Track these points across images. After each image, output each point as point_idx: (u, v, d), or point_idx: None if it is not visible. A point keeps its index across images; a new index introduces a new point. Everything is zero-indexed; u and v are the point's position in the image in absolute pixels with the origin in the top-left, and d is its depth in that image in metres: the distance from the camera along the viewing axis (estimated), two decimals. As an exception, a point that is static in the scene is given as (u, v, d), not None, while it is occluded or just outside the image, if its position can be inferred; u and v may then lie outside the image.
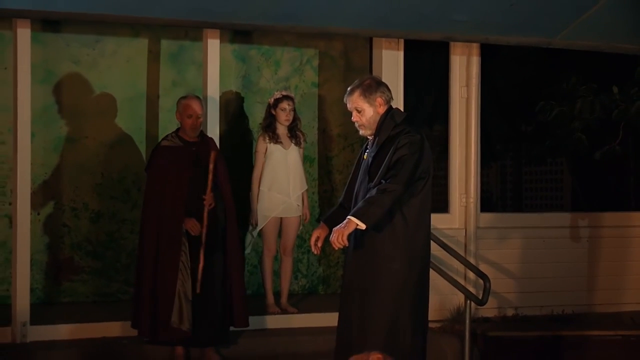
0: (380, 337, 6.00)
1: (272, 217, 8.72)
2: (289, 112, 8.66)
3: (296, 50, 10.06)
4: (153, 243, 7.55)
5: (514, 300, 9.58)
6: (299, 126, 8.83)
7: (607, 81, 9.31)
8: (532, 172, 10.68)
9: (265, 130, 8.75)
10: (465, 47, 9.29)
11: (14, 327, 7.82)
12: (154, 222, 7.58)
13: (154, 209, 7.59)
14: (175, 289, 7.47)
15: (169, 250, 7.51)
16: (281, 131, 8.72)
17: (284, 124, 8.69)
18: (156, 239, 7.54)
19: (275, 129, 8.70)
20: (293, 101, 8.73)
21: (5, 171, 8.89)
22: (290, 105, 8.67)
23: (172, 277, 7.46)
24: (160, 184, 7.60)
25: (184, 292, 7.48)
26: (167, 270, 7.48)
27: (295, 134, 8.77)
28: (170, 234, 7.54)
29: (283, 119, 8.67)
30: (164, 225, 7.55)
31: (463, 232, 9.41)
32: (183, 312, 7.47)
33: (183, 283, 7.49)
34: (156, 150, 7.79)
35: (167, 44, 9.62)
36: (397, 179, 5.98)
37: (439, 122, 9.63)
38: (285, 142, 8.73)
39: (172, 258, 7.49)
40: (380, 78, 6.59)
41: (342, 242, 5.97)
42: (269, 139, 8.70)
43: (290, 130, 8.75)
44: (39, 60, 8.78)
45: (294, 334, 8.42)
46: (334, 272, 10.14)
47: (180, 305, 7.47)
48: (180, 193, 7.58)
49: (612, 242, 10.07)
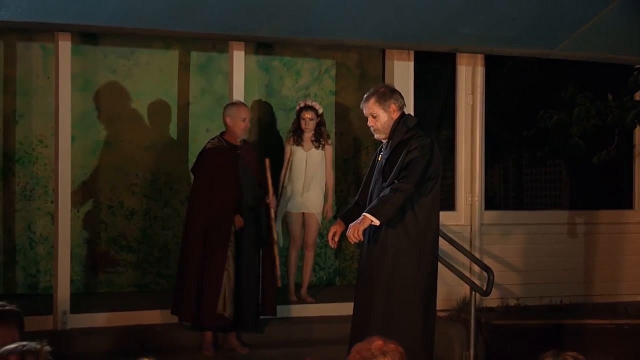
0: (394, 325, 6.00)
1: (293, 212, 8.75)
2: (309, 121, 8.69)
3: (315, 61, 10.05)
4: (200, 237, 7.55)
5: (516, 291, 9.56)
6: (323, 131, 8.83)
7: (603, 89, 9.28)
8: (532, 173, 10.64)
9: (291, 134, 8.83)
10: (470, 58, 9.27)
11: (55, 315, 7.84)
12: (202, 218, 7.58)
13: (203, 206, 7.59)
14: (222, 280, 7.52)
15: (219, 243, 7.54)
16: (306, 135, 8.75)
17: (305, 130, 8.71)
18: (204, 233, 7.55)
19: (301, 133, 8.74)
20: (314, 110, 8.73)
21: (48, 172, 8.92)
22: (310, 114, 8.69)
23: (221, 268, 7.51)
24: (209, 183, 7.61)
25: (229, 282, 7.54)
26: (216, 262, 7.52)
27: (318, 138, 8.79)
28: (221, 229, 7.56)
29: (303, 126, 8.71)
30: (214, 220, 7.57)
31: (468, 229, 9.39)
32: (227, 300, 7.52)
33: (229, 274, 7.54)
34: (204, 152, 7.77)
35: (196, 55, 9.63)
36: (409, 179, 5.98)
37: (447, 127, 9.61)
38: (307, 145, 8.74)
39: (221, 251, 7.53)
40: (393, 86, 6.59)
41: (358, 237, 5.98)
42: (293, 142, 8.76)
43: (314, 135, 8.77)
44: (78, 70, 8.79)
45: (311, 322, 8.42)
46: (349, 265, 10.13)
47: (225, 294, 7.52)
48: (230, 192, 7.61)
49: (607, 237, 10.04)
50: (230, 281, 7.55)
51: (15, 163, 9.04)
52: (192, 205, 7.71)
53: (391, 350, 3.55)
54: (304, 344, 7.94)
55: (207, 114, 9.56)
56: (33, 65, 9.05)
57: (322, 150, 8.82)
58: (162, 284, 9.38)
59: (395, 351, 3.55)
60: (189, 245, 7.63)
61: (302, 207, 8.79)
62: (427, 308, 6.20)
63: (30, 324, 4.56)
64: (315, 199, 8.82)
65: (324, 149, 8.82)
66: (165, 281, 9.33)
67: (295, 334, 8.17)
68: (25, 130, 9.06)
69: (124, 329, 7.88)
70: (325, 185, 8.90)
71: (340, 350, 3.82)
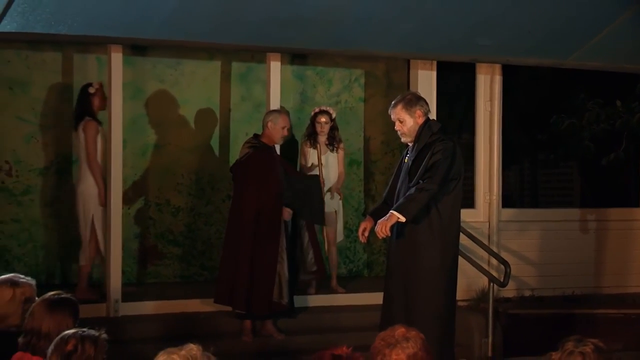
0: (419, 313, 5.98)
1: None
2: (324, 125, 8.66)
3: (346, 70, 10.02)
4: (251, 230, 7.55)
5: (531, 283, 9.49)
6: (336, 135, 8.80)
7: (612, 96, 9.22)
8: (546, 174, 10.58)
9: (306, 137, 8.81)
10: (489, 67, 9.21)
11: (108, 304, 7.86)
12: (252, 213, 7.57)
13: (252, 202, 7.59)
14: (276, 269, 7.54)
15: (272, 235, 7.57)
16: (321, 138, 8.72)
17: (319, 133, 8.68)
18: (254, 227, 7.55)
19: (316, 136, 8.70)
20: (329, 115, 8.71)
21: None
22: (325, 119, 8.67)
23: (275, 258, 7.53)
24: (254, 181, 7.61)
25: (283, 270, 7.58)
26: (270, 252, 7.54)
27: (331, 141, 8.75)
28: (273, 222, 7.59)
29: (319, 129, 8.68)
30: (265, 215, 7.57)
31: (487, 225, 9.33)
32: (283, 288, 7.56)
33: (282, 263, 7.58)
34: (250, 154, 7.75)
35: (236, 66, 9.63)
36: (433, 180, 5.96)
37: (467, 131, 9.57)
38: (322, 147, 8.71)
39: (275, 241, 7.55)
40: (419, 93, 6.56)
41: (385, 233, 5.97)
42: (309, 145, 8.73)
43: (328, 138, 8.73)
44: (129, 79, 8.82)
45: (341, 310, 8.40)
46: (376, 258, 10.09)
47: (280, 282, 7.55)
48: (277, 188, 7.65)
49: (616, 233, 9.96)
50: (284, 270, 7.58)
51: (72, 165, 9.08)
52: (240, 202, 7.68)
53: (413, 336, 3.55)
54: (334, 331, 7.92)
55: (247, 119, 9.55)
56: (88, 75, 9.07)
57: (336, 152, 8.79)
58: (205, 275, 9.38)
59: (416, 337, 3.55)
60: (240, 237, 7.58)
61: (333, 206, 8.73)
62: (449, 298, 6.18)
63: (85, 312, 4.56)
64: (333, 199, 8.78)
65: (337, 152, 8.80)
66: (208, 273, 9.33)
67: (326, 322, 8.15)
68: (81, 135, 9.09)
69: (170, 316, 7.90)
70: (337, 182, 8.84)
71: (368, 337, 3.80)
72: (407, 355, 3.47)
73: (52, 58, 9.00)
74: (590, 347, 3.42)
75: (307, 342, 7.52)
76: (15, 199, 8.91)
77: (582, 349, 3.41)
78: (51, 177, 9.03)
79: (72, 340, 3.72)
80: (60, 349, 3.71)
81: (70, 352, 3.69)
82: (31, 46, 8.82)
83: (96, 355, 3.73)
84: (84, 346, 3.71)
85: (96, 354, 3.73)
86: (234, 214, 7.72)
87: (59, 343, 3.73)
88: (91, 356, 3.71)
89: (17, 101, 8.88)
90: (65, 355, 3.69)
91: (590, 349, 3.41)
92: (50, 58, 9.00)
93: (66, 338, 3.74)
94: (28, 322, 4.15)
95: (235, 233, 7.66)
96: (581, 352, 3.40)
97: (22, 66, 8.91)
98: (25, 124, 8.93)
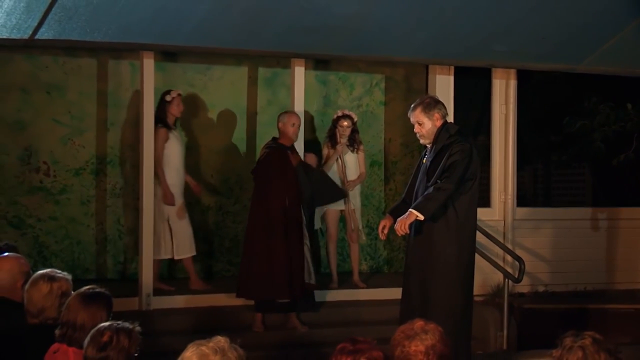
0: (437, 307, 5.96)
1: (332, 209, 8.71)
2: (346, 128, 8.65)
3: (367, 75, 10.01)
4: (282, 225, 7.63)
5: (544, 279, 9.46)
6: (357, 137, 8.79)
7: (623, 99, 9.16)
8: (559, 174, 10.51)
9: (327, 139, 8.81)
10: (504, 72, 9.18)
11: (140, 298, 7.90)
12: (279, 208, 7.66)
13: (280, 199, 7.67)
14: (304, 255, 7.69)
15: (297, 227, 7.69)
16: (342, 140, 8.69)
17: (341, 136, 8.67)
18: (285, 221, 7.63)
19: (337, 138, 8.68)
20: (351, 119, 8.70)
21: (134, 173, 8.97)
22: (347, 123, 8.66)
23: (302, 245, 7.70)
24: (273, 177, 7.69)
25: (309, 253, 7.77)
26: (298, 242, 7.67)
27: (352, 143, 8.74)
28: (296, 217, 7.70)
29: (340, 132, 8.67)
30: (289, 208, 7.68)
31: (502, 223, 9.31)
32: (311, 272, 7.73)
33: (307, 246, 7.76)
34: (268, 154, 7.83)
35: (263, 71, 9.64)
36: (450, 180, 5.94)
37: (483, 133, 9.53)
38: (343, 149, 8.69)
39: (300, 231, 7.70)
40: (437, 97, 6.54)
41: (404, 230, 5.95)
42: (330, 146, 8.72)
43: (348, 140, 8.72)
44: (160, 84, 8.84)
45: (362, 305, 8.39)
46: (396, 255, 10.07)
47: (308, 267, 7.71)
48: (293, 182, 7.75)
49: (627, 231, 9.91)
50: (308, 253, 7.73)
51: (106, 165, 9.12)
52: (265, 199, 7.71)
53: (431, 329, 3.54)
54: (356, 325, 7.93)
55: (273, 122, 9.48)
56: (122, 80, 9.12)
57: (356, 154, 8.77)
58: (232, 271, 9.39)
59: (435, 330, 3.54)
60: (269, 232, 7.64)
61: (341, 204, 8.72)
62: (466, 293, 6.16)
63: (119, 305, 4.58)
64: (352, 197, 8.76)
65: (357, 153, 8.78)
66: (235, 268, 9.32)
67: (348, 316, 8.16)
68: (115, 137, 9.14)
69: (199, 310, 7.92)
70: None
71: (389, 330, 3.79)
72: (425, 347, 3.47)
73: (87, 64, 9.05)
74: (588, 340, 3.39)
75: (331, 335, 7.51)
76: (52, 198, 8.96)
77: (580, 343, 3.38)
78: (86, 177, 9.07)
79: (107, 332, 3.76)
80: (97, 340, 3.75)
81: (106, 343, 3.73)
82: (67, 52, 8.87)
83: (130, 347, 3.76)
84: (118, 337, 3.74)
85: (130, 346, 3.76)
86: (259, 211, 7.73)
87: (95, 335, 3.76)
88: (125, 347, 3.74)
89: (54, 105, 8.93)
90: (101, 346, 3.72)
91: (589, 341, 3.38)
92: (85, 64, 9.04)
93: (102, 330, 3.77)
94: (64, 315, 4.18)
95: (263, 229, 7.68)
96: (580, 346, 3.37)
97: (59, 71, 8.96)
98: (61, 127, 8.97)
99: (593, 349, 3.36)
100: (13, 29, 6.35)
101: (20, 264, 4.90)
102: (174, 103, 8.23)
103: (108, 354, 3.72)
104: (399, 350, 3.49)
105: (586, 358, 3.35)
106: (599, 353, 3.36)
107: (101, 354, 3.72)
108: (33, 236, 8.86)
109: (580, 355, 3.36)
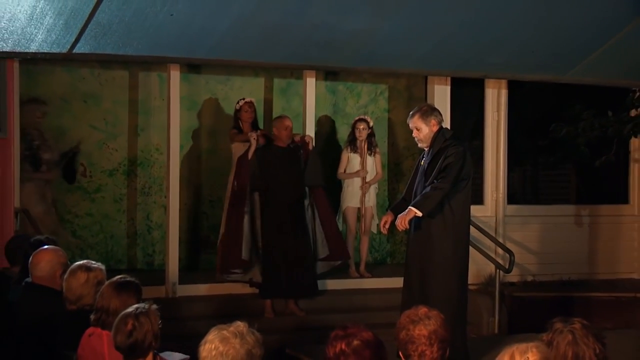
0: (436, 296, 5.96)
1: (351, 206, 8.69)
2: (362, 131, 8.63)
3: (372, 85, 10.01)
4: (287, 222, 7.71)
5: (533, 270, 9.45)
6: (373, 141, 8.78)
7: (604, 107, 9.14)
8: (546, 174, 10.48)
9: (348, 143, 8.77)
10: (496, 82, 9.18)
11: (167, 286, 7.92)
12: (287, 198, 7.75)
13: (286, 191, 7.75)
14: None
15: (302, 220, 7.79)
16: (360, 144, 8.68)
17: (359, 138, 8.66)
18: (290, 215, 7.72)
19: (356, 141, 8.66)
20: (367, 123, 8.69)
21: (162, 173, 9.00)
22: (363, 126, 8.64)
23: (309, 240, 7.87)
24: (274, 178, 7.72)
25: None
26: (304, 237, 7.76)
27: (369, 146, 8.73)
28: (299, 203, 7.80)
29: (357, 134, 8.65)
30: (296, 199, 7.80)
31: (494, 219, 9.30)
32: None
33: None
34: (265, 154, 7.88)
35: (278, 81, 9.65)
36: (446, 180, 5.94)
37: (477, 137, 9.52)
38: (362, 151, 8.68)
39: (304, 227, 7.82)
40: (434, 105, 6.54)
41: (404, 226, 5.95)
42: (350, 150, 8.69)
43: (366, 143, 8.72)
44: (185, 93, 8.88)
45: (368, 292, 8.40)
46: (398, 248, 10.07)
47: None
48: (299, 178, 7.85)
49: (607, 227, 9.90)
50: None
51: (137, 166, 9.15)
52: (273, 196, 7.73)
53: (434, 315, 3.54)
54: (362, 310, 7.93)
55: (287, 128, 9.55)
56: (151, 90, 9.14)
57: (373, 156, 8.76)
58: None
59: (437, 316, 3.54)
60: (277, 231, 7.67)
61: (359, 202, 8.72)
62: (461, 283, 6.15)
63: (147, 293, 4.59)
64: (369, 196, 8.76)
65: (374, 155, 8.77)
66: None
67: (355, 302, 8.16)
68: (145, 141, 9.16)
69: (220, 297, 7.94)
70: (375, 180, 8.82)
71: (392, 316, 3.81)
72: (428, 332, 3.47)
73: (120, 75, 9.08)
74: (578, 325, 3.39)
75: (340, 320, 7.34)
76: (89, 196, 8.99)
77: (570, 327, 3.38)
78: (119, 177, 9.11)
79: (129, 320, 3.74)
80: (122, 329, 3.73)
81: (131, 330, 3.71)
82: (102, 65, 8.90)
83: (153, 325, 3.74)
84: (140, 321, 3.72)
85: (153, 324, 3.75)
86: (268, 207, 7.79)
87: (119, 324, 3.73)
88: (149, 329, 3.73)
89: (90, 112, 8.97)
90: (127, 333, 3.71)
91: (578, 326, 3.38)
92: (118, 75, 9.07)
93: (124, 318, 3.75)
94: (98, 302, 4.19)
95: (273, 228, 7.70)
96: (570, 330, 3.37)
97: (95, 82, 9.00)
98: (97, 132, 9.01)
99: (582, 333, 3.35)
100: (53, 44, 6.37)
101: (58, 255, 4.93)
102: (242, 110, 8.24)
103: (136, 338, 3.71)
104: (404, 333, 3.49)
105: (575, 341, 3.34)
106: (588, 337, 3.35)
107: (130, 340, 3.71)
108: (71, 230, 8.89)
109: (570, 339, 3.34)
